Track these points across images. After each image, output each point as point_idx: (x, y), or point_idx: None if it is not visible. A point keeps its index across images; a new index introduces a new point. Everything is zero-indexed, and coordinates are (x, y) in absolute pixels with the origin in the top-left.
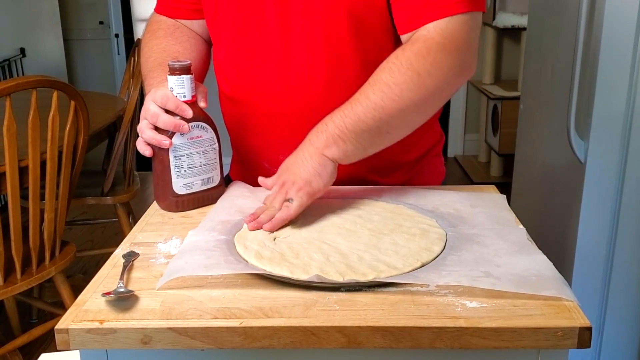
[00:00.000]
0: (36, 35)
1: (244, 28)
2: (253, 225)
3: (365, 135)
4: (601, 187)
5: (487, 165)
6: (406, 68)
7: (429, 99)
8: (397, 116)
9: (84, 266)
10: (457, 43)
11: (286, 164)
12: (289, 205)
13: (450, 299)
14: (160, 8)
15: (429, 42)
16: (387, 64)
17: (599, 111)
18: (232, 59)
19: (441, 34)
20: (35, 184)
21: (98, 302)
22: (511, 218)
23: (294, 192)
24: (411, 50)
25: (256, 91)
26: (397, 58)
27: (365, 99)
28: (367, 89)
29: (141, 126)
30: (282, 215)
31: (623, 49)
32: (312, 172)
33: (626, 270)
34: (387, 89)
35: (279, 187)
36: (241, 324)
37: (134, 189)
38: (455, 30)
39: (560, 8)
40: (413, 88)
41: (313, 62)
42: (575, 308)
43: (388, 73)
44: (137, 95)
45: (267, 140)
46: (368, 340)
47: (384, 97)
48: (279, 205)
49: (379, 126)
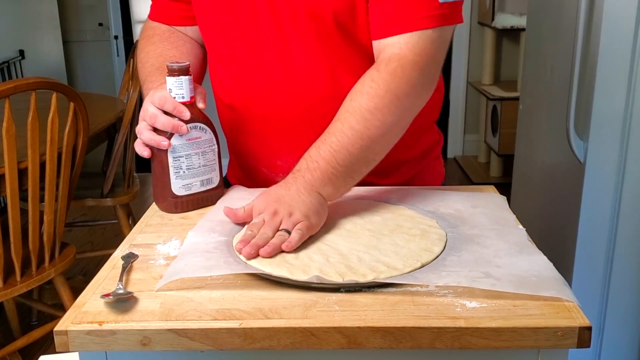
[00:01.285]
0: (35, 37)
1: (236, 34)
2: (248, 250)
3: (354, 167)
4: (601, 187)
5: (487, 165)
6: (384, 91)
7: (407, 118)
8: (381, 141)
9: (83, 268)
10: (428, 59)
11: (275, 195)
12: (284, 235)
13: (450, 299)
14: (153, 15)
15: (402, 61)
16: (363, 87)
17: (598, 111)
18: (226, 65)
19: (413, 50)
20: (34, 185)
21: (97, 304)
22: (511, 219)
23: (289, 224)
24: (386, 71)
25: (251, 96)
26: (374, 80)
27: (350, 129)
28: (349, 118)
29: (140, 127)
30: (278, 241)
31: (622, 49)
32: (311, 208)
33: (626, 269)
34: (370, 115)
35: (270, 215)
36: (241, 325)
37: (134, 191)
38: (426, 47)
39: (559, 8)
40: (394, 110)
41: (308, 66)
42: (575, 308)
43: (367, 98)
44: (137, 97)
45: (264, 145)
46: (368, 341)
47: (368, 125)
48: (271, 233)
49: (365, 155)
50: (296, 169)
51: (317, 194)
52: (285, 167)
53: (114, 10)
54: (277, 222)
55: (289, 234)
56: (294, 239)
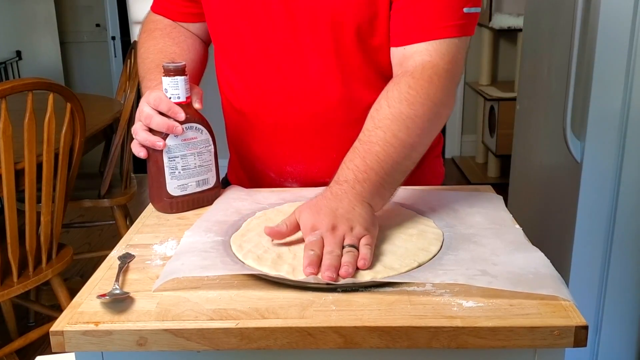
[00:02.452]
0: (32, 38)
1: (250, 40)
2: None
3: (397, 176)
4: (598, 187)
5: (485, 166)
6: (424, 98)
7: (440, 125)
8: (419, 149)
9: (81, 269)
10: (457, 67)
11: (327, 208)
12: (353, 251)
13: (446, 299)
14: (156, 7)
15: (436, 69)
16: (401, 93)
17: (595, 111)
18: (238, 71)
19: (443, 58)
20: (31, 186)
21: (93, 304)
22: (508, 218)
23: (353, 239)
24: (423, 79)
25: (263, 103)
26: (412, 88)
27: (394, 138)
28: (391, 125)
29: (135, 128)
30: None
31: (618, 49)
32: (368, 220)
33: (623, 269)
34: (412, 123)
35: (329, 232)
36: (237, 325)
37: (131, 192)
38: (454, 55)
39: (556, 9)
40: (431, 118)
41: (322, 75)
42: (571, 307)
43: (407, 105)
44: (134, 98)
45: (273, 152)
46: (365, 341)
47: (410, 134)
48: (340, 251)
49: (407, 164)
50: (342, 180)
51: (369, 205)
52: (295, 173)
53: (112, 11)
54: (339, 238)
55: (355, 249)
56: (368, 255)
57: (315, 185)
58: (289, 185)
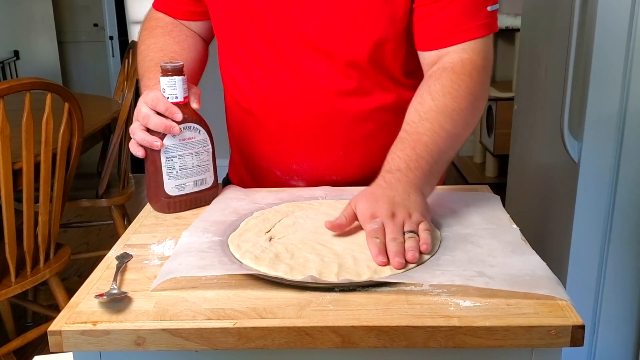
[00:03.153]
0: (30, 37)
1: (257, 37)
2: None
3: (443, 165)
4: (595, 187)
5: (482, 166)
6: (466, 92)
7: (478, 118)
8: (461, 140)
9: (79, 269)
10: (490, 64)
11: (384, 197)
12: (414, 236)
13: (443, 299)
14: (159, 5)
15: (475, 65)
16: (444, 88)
17: (592, 111)
18: (246, 69)
19: (479, 55)
20: (29, 186)
21: (91, 304)
22: (505, 218)
23: (413, 225)
24: (464, 74)
25: (271, 100)
26: (455, 82)
27: (441, 129)
28: (437, 117)
29: (133, 128)
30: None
31: (616, 49)
32: (423, 206)
33: (620, 269)
34: (456, 115)
35: (388, 219)
36: (235, 324)
37: (129, 191)
38: (487, 52)
39: (554, 9)
40: (472, 111)
41: (329, 70)
42: (568, 307)
43: (451, 99)
44: (132, 98)
45: (280, 149)
46: (362, 340)
47: (455, 125)
48: (402, 237)
49: (451, 153)
50: (394, 169)
51: (422, 193)
52: (301, 171)
53: (109, 10)
54: (400, 224)
55: (415, 234)
56: (428, 240)
57: (321, 183)
58: (295, 183)
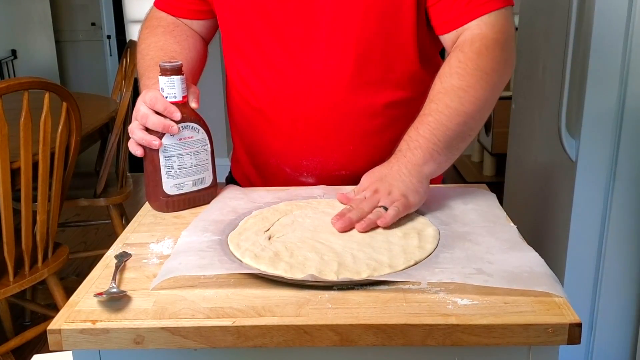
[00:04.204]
0: (28, 36)
1: (266, 35)
2: (341, 224)
3: (453, 142)
4: (592, 185)
5: (480, 164)
6: (473, 69)
7: (496, 92)
8: (478, 117)
9: (77, 268)
10: (507, 36)
11: (378, 174)
12: (381, 211)
13: (441, 297)
14: (160, 4)
15: (485, 40)
16: (451, 68)
17: (589, 110)
18: (254, 68)
19: (492, 29)
20: (27, 185)
21: (90, 303)
22: (502, 216)
23: (388, 201)
24: (472, 51)
25: (281, 98)
26: (461, 61)
27: (447, 108)
28: (443, 97)
29: (132, 127)
30: (374, 217)
31: (613, 47)
32: (410, 187)
33: (617, 267)
34: (463, 93)
35: (371, 193)
36: (234, 323)
37: (127, 191)
38: (503, 25)
39: (551, 8)
40: (484, 86)
41: (338, 65)
42: (565, 304)
43: (457, 78)
44: (130, 97)
45: (291, 146)
46: (360, 338)
47: (463, 102)
48: (368, 209)
49: (462, 130)
50: (398, 150)
51: (419, 172)
52: (311, 167)
53: (107, 10)
54: (376, 199)
55: (385, 210)
56: (390, 215)
57: (330, 178)
58: (304, 179)
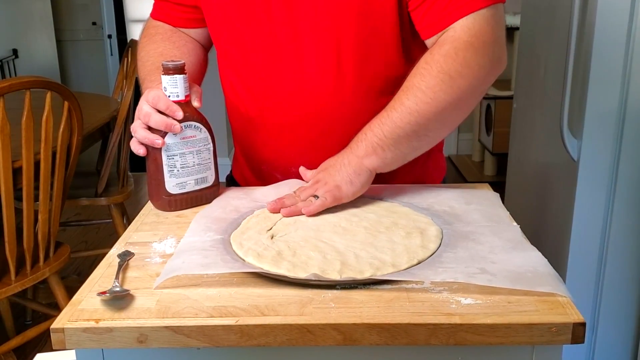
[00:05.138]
0: (29, 36)
1: (252, 44)
2: (272, 205)
3: (403, 141)
4: (594, 185)
5: (481, 164)
6: (437, 71)
7: (463, 98)
8: (434, 118)
9: (78, 267)
10: (485, 39)
11: (326, 164)
12: (312, 200)
13: (445, 296)
14: (156, 14)
15: (456, 43)
16: (417, 69)
17: (591, 109)
18: (241, 76)
19: (468, 32)
20: (29, 184)
21: (94, 302)
22: (505, 215)
23: (322, 191)
24: (439, 53)
25: (267, 105)
26: (427, 63)
27: (400, 105)
28: (401, 95)
29: (134, 126)
30: (300, 206)
31: (615, 47)
32: (345, 178)
33: (619, 267)
34: (420, 93)
35: (313, 182)
36: (237, 322)
37: (128, 190)
38: (482, 27)
39: (553, 8)
40: (446, 89)
41: (324, 74)
42: (569, 304)
43: (419, 78)
44: (131, 96)
45: (278, 153)
46: (364, 338)
47: (417, 102)
48: (304, 197)
49: (415, 130)
50: (350, 142)
51: (359, 164)
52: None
53: (108, 9)
54: (314, 188)
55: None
56: (315, 204)
57: None
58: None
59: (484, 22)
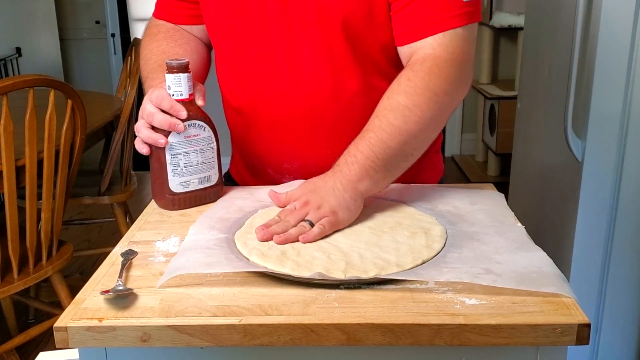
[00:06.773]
0: (32, 34)
1: (246, 40)
2: (263, 235)
3: (392, 161)
4: (598, 186)
5: (485, 164)
6: (422, 89)
7: (445, 113)
8: (420, 136)
9: (80, 266)
10: (461, 56)
11: (313, 186)
12: (305, 226)
13: (449, 296)
14: (158, 13)
15: (437, 60)
16: (400, 86)
17: (595, 110)
18: (234, 70)
19: (446, 50)
20: (32, 183)
21: (97, 300)
22: (510, 215)
23: (315, 216)
24: (423, 70)
25: (259, 101)
26: (411, 80)
27: (389, 125)
28: (387, 114)
29: (138, 125)
30: (295, 232)
31: (620, 47)
32: (342, 203)
33: (623, 267)
34: (408, 112)
35: (300, 204)
36: (241, 321)
37: (131, 189)
38: (458, 45)
39: (557, 7)
40: (432, 107)
41: (316, 70)
42: (573, 305)
43: (405, 96)
44: (134, 95)
45: (270, 149)
46: (367, 338)
47: (406, 121)
48: (294, 222)
49: (404, 150)
50: (336, 164)
51: (354, 189)
52: (292, 170)
53: (111, 8)
54: (304, 212)
55: (312, 226)
56: (313, 233)
57: None
58: (287, 181)
59: (460, 40)
